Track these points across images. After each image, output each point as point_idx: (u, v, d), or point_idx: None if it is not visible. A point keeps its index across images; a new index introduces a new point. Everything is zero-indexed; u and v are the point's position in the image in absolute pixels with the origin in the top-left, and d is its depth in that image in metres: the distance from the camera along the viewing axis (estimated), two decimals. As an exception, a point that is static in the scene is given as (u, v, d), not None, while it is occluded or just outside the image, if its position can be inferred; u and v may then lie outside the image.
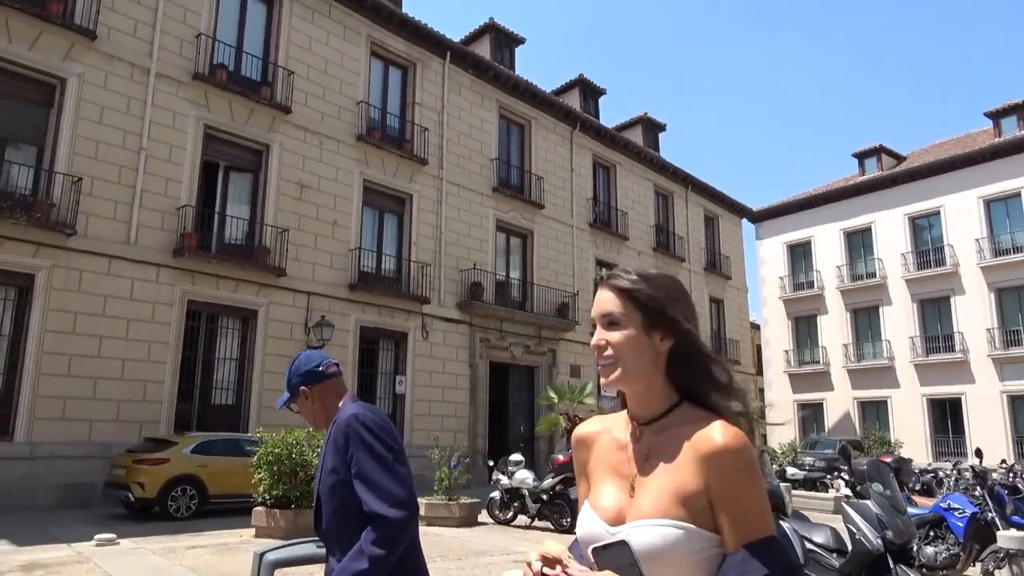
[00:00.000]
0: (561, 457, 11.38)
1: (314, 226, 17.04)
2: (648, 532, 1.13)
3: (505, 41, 24.18)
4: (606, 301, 1.28)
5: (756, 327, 36.09)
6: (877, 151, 32.31)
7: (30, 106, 13.63)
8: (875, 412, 29.54)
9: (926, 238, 29.41)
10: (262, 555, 2.25)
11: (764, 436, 23.60)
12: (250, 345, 15.70)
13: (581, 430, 1.39)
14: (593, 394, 15.18)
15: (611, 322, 1.26)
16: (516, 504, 11.64)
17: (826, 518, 9.88)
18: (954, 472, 14.86)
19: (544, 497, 11.18)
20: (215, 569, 7.80)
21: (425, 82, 20.36)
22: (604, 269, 25.23)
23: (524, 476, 11.49)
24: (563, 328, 22.35)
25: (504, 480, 11.75)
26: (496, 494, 11.96)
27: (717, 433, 1.16)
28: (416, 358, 18.69)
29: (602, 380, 1.27)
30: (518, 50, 24.48)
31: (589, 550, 1.15)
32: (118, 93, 14.36)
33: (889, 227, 30.22)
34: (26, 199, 13.09)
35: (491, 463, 13.17)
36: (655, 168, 28.43)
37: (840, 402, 30.56)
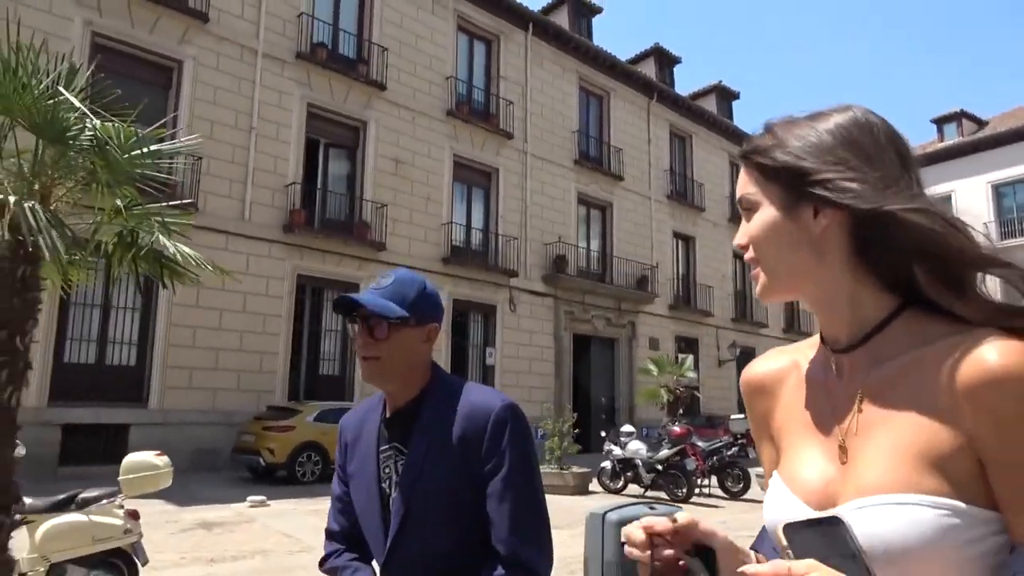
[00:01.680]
0: (677, 429, 11.68)
1: (409, 201, 17.44)
2: (884, 516, 0.71)
3: (583, 11, 24.03)
4: (741, 183, 0.89)
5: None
6: (958, 116, 31.39)
7: (150, 88, 14.18)
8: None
9: (1010, 206, 28.60)
10: (604, 515, 2.40)
11: None
12: (353, 317, 16.25)
13: (757, 370, 0.97)
14: (692, 368, 15.39)
15: (748, 208, 0.87)
16: (628, 474, 11.99)
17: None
18: None
19: (659, 467, 11.51)
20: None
21: (508, 55, 20.44)
22: (680, 241, 25.20)
23: (637, 447, 11.82)
24: (643, 300, 22.47)
25: (616, 451, 12.10)
26: (607, 464, 12.32)
27: (992, 351, 0.70)
28: (504, 330, 19.11)
29: (755, 293, 0.89)
30: (595, 20, 24.31)
31: (779, 529, 0.76)
32: (229, 74, 14.85)
33: (970, 195, 29.39)
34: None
35: (603, 433, 13.54)
36: (730, 137, 28.06)
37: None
